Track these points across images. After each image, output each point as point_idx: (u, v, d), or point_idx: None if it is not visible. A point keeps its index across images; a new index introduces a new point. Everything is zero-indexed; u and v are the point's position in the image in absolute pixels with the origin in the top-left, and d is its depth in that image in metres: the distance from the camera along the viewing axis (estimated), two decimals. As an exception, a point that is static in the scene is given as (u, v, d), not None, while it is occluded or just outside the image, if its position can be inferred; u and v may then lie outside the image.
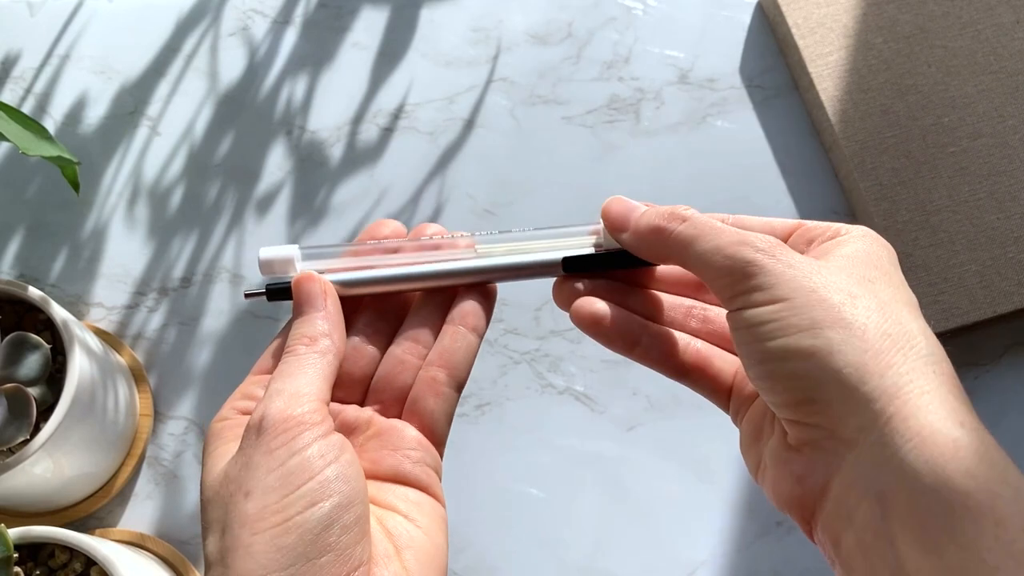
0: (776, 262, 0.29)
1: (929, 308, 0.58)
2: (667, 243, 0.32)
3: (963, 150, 0.60)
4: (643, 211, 0.33)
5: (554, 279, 0.35)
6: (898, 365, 0.27)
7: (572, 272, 0.34)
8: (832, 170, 0.63)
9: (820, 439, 0.28)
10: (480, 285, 0.35)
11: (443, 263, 0.35)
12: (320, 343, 0.32)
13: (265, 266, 0.35)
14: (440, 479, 0.34)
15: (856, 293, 0.29)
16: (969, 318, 0.57)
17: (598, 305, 0.34)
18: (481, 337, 0.35)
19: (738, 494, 0.58)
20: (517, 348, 0.60)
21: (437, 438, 0.34)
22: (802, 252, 0.32)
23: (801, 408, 0.28)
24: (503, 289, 0.37)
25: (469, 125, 0.65)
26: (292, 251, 0.35)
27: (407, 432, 0.33)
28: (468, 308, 0.35)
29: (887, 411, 0.27)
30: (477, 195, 0.63)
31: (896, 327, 0.28)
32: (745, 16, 0.67)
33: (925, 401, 0.26)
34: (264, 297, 0.35)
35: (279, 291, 0.35)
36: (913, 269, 0.58)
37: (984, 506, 0.25)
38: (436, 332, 0.35)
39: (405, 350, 0.35)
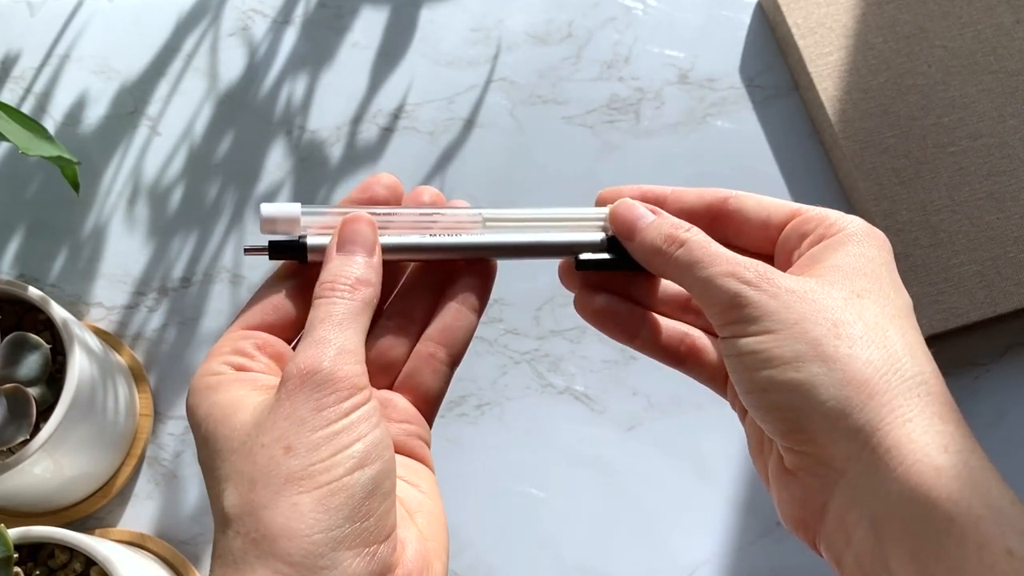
0: (761, 294, 0.29)
1: (929, 308, 0.58)
2: (665, 266, 0.32)
3: (963, 150, 0.60)
4: (648, 222, 0.33)
5: (559, 260, 0.35)
6: (880, 395, 0.27)
7: (585, 270, 0.35)
8: (832, 170, 0.63)
9: (812, 466, 0.29)
10: (482, 263, 0.35)
11: (455, 236, 0.34)
12: (364, 291, 0.31)
13: (267, 224, 0.32)
14: (430, 451, 0.34)
15: (840, 320, 0.29)
16: (969, 318, 0.57)
17: (600, 300, 0.35)
18: (480, 316, 0.35)
19: (738, 494, 0.58)
20: (517, 348, 0.60)
21: (429, 412, 0.34)
22: (796, 248, 0.32)
23: (790, 437, 0.29)
24: (502, 288, 0.37)
25: (469, 125, 0.65)
26: (295, 209, 0.33)
27: (399, 403, 0.33)
28: (471, 286, 0.35)
29: (871, 442, 0.27)
30: (477, 195, 0.63)
31: (880, 352, 0.28)
32: (745, 16, 0.67)
33: (907, 430, 0.27)
34: (266, 256, 0.33)
35: (284, 248, 0.32)
36: (913, 269, 0.58)
37: (968, 529, 0.25)
38: (428, 308, 0.35)
39: (398, 325, 0.34)
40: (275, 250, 0.32)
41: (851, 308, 0.29)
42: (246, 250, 0.33)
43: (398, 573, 0.28)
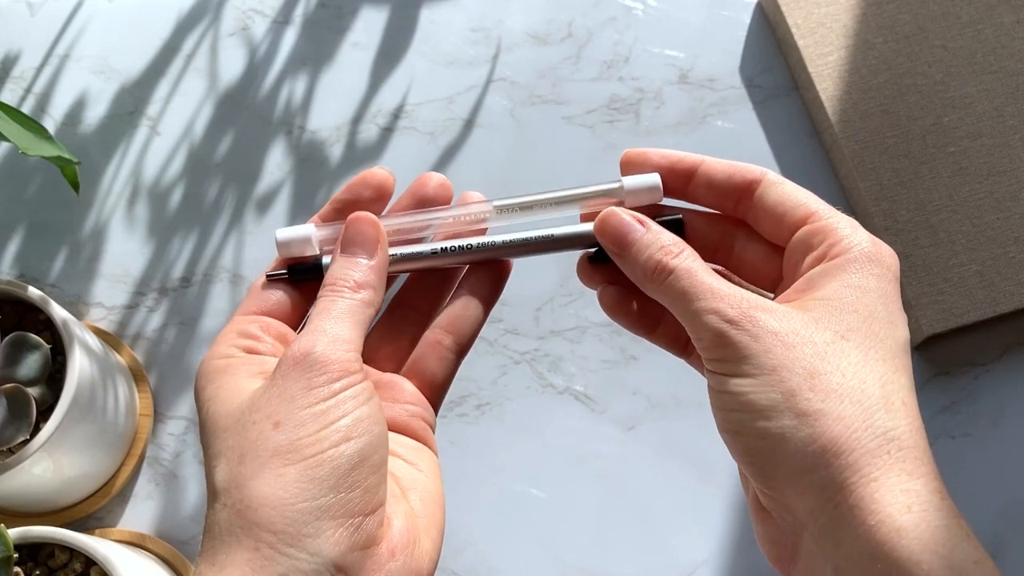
0: (743, 334, 0.29)
1: (929, 308, 0.58)
2: (654, 293, 0.32)
3: (963, 150, 0.60)
4: (638, 238, 0.32)
5: (561, 257, 0.35)
6: (848, 454, 0.27)
7: (599, 262, 0.34)
8: (832, 170, 0.63)
9: (780, 511, 0.29)
10: (497, 260, 0.35)
11: (464, 240, 0.34)
12: (363, 293, 0.32)
13: (283, 247, 0.34)
14: (434, 435, 0.34)
15: (817, 370, 0.28)
16: (969, 318, 0.57)
17: (620, 295, 0.35)
18: (490, 309, 0.35)
19: (738, 494, 0.58)
20: (517, 348, 0.60)
21: (434, 398, 0.34)
22: (800, 261, 0.32)
23: (759, 480, 0.29)
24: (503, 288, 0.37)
25: (469, 125, 0.65)
26: (309, 230, 0.34)
27: (405, 386, 0.34)
28: (484, 279, 0.35)
29: (835, 499, 0.27)
30: (477, 195, 0.63)
31: (853, 407, 0.28)
32: (745, 16, 0.67)
33: (872, 489, 0.27)
34: (287, 279, 0.33)
35: (303, 271, 0.33)
36: (913, 269, 0.58)
37: None
38: (438, 299, 0.35)
39: (406, 314, 0.35)
40: (294, 273, 0.34)
41: (832, 354, 0.29)
42: (268, 277, 0.34)
43: (382, 547, 0.28)
